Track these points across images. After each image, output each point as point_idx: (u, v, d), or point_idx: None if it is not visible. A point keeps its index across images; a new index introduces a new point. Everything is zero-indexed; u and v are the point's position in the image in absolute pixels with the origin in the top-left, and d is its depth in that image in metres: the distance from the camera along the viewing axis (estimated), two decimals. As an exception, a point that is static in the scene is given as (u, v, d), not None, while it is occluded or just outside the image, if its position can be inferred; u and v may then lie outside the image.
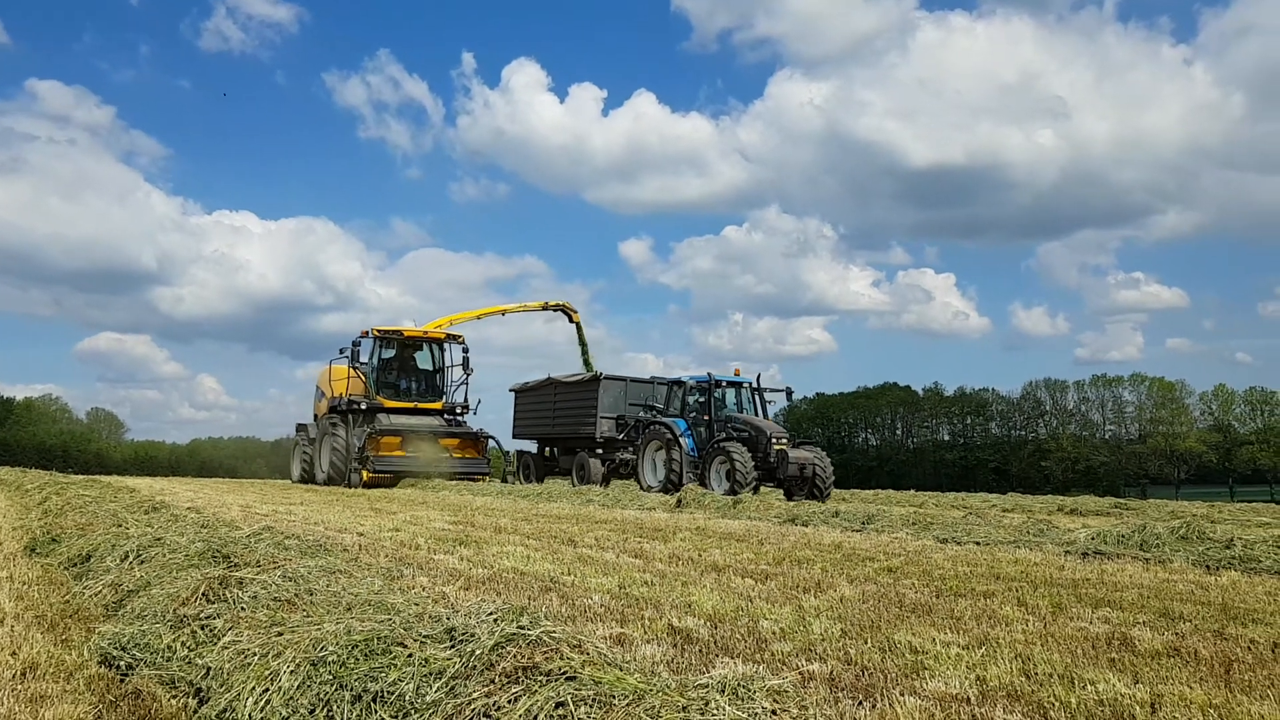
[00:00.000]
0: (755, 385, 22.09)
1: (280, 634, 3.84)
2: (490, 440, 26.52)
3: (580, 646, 2.85)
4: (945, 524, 11.13)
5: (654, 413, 23.52)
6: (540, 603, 5.68)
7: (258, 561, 6.32)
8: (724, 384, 21.78)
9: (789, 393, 22.70)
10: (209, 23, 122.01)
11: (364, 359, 26.09)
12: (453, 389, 27.23)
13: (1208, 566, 7.55)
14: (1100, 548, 8.52)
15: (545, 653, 2.79)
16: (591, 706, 2.50)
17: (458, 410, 26.95)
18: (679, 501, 15.47)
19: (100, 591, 5.90)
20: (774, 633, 4.79)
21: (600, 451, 25.16)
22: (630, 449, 24.15)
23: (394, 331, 26.58)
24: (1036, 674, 3.99)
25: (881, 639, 4.67)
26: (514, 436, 28.61)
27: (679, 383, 22.62)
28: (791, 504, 14.67)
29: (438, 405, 26.78)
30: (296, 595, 5.22)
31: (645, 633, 4.78)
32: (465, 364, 27.01)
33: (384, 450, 24.27)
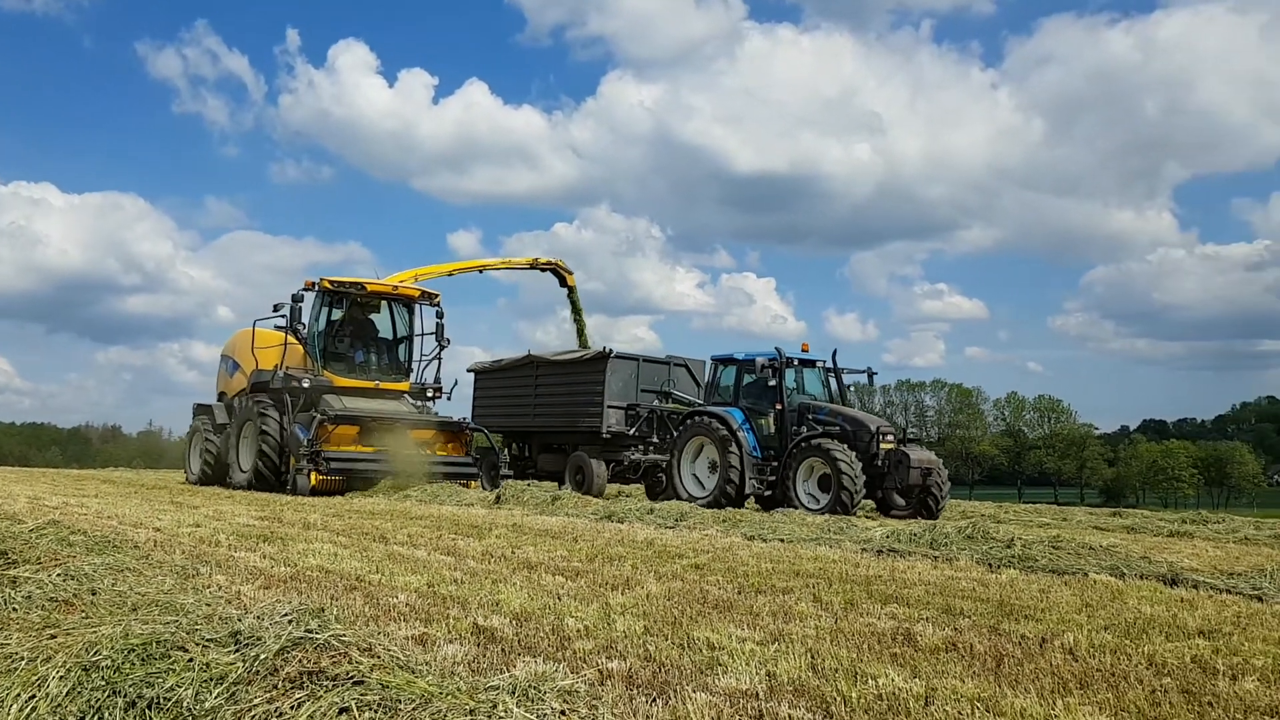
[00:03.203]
0: (832, 365, 17.28)
1: (53, 637, 3.64)
2: (477, 433, 20.30)
3: (371, 649, 2.82)
4: (753, 521, 11.48)
5: (667, 399, 19.75)
6: (343, 602, 5.55)
7: (38, 559, 5.96)
8: (795, 362, 16.80)
9: (871, 375, 17.98)
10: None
11: (304, 320, 19.51)
12: (422, 365, 20.68)
13: (990, 565, 8.06)
14: (894, 546, 8.97)
15: (333, 656, 2.74)
16: (376, 711, 2.48)
17: (429, 393, 20.63)
18: (498, 497, 14.75)
19: None
20: (578, 631, 4.84)
21: (605, 450, 19.90)
22: (639, 447, 19.69)
23: (350, 284, 19.86)
24: (823, 669, 4.18)
25: (682, 635, 4.78)
26: None
27: (729, 361, 17.49)
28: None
29: (404, 386, 20.38)
30: (76, 595, 4.95)
31: (449, 632, 4.75)
32: (440, 332, 20.55)
33: (338, 443, 18.06)
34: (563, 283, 25.26)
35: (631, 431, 19.56)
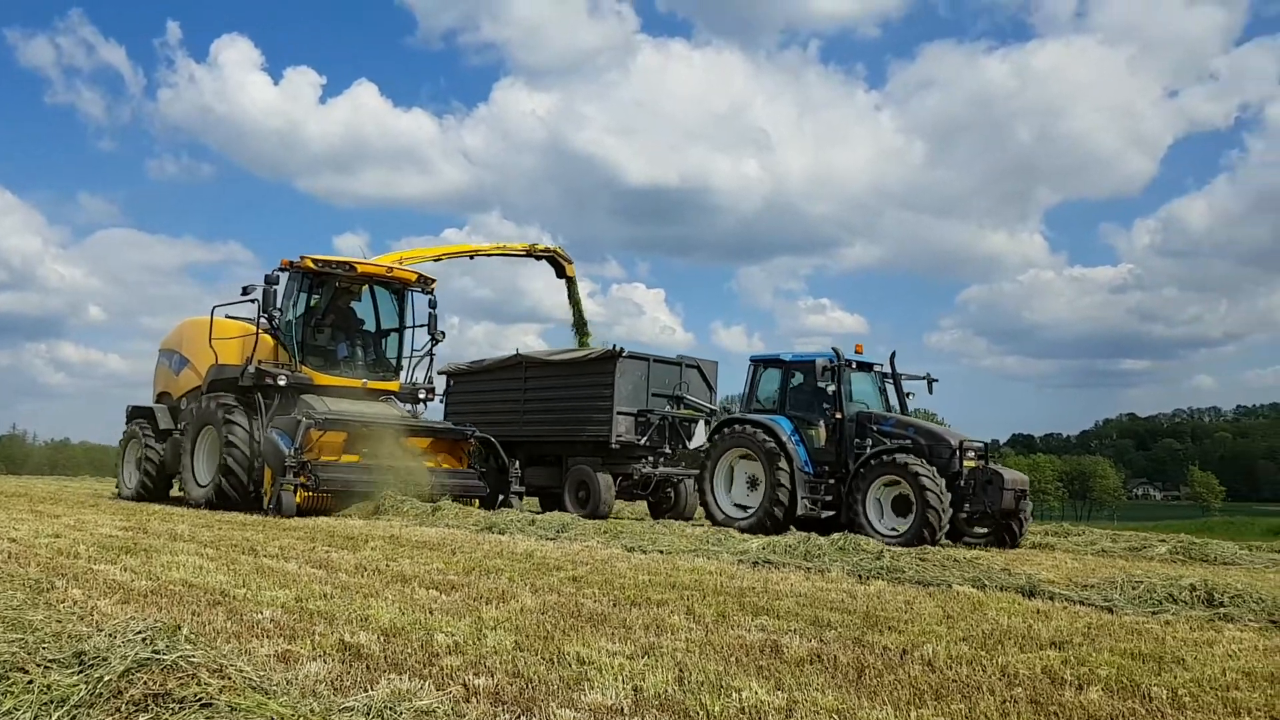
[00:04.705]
0: (890, 369, 15.19)
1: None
2: (479, 441, 16.94)
3: (222, 670, 2.74)
4: (633, 533, 11.53)
5: (679, 404, 17.80)
6: (205, 618, 5.39)
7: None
8: (853, 365, 14.64)
9: (930, 382, 15.56)
10: None
11: (278, 305, 16.17)
12: (413, 362, 17.53)
13: (860, 576, 8.26)
14: (769, 557, 9.12)
15: (180, 678, 2.66)
16: (223, 735, 2.41)
17: (420, 394, 17.62)
18: (377, 508, 14.06)
19: None
20: (447, 646, 4.79)
21: (612, 463, 17.62)
22: (650, 460, 17.70)
23: (336, 264, 16.62)
24: (690, 682, 4.22)
25: (553, 650, 4.78)
26: None
27: (773, 363, 15.28)
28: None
29: (394, 386, 17.31)
30: (-88, 614, 4.69)
31: (313, 649, 4.65)
32: (433, 324, 17.43)
33: (322, 453, 15.00)
34: (560, 272, 21.96)
35: (642, 441, 17.32)
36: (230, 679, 2.72)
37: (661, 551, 9.90)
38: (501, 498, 16.40)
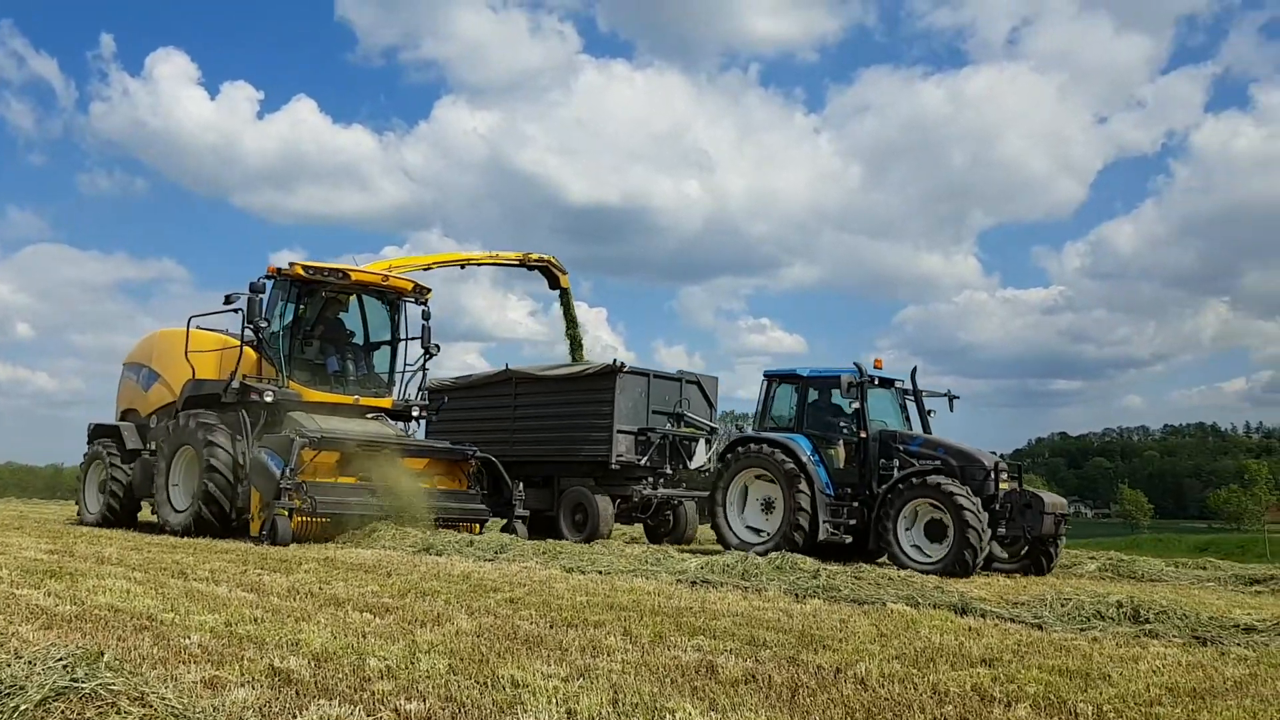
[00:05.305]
0: (912, 385, 14.53)
1: None
2: (480, 461, 15.63)
3: (143, 699, 2.68)
4: (573, 553, 11.49)
5: (679, 421, 17.10)
6: (130, 644, 5.27)
7: None
8: (875, 381, 14.00)
9: (952, 399, 14.94)
10: None
11: (264, 316, 14.88)
12: (406, 378, 16.26)
13: (796, 595, 8.32)
14: (708, 576, 9.15)
15: (100, 707, 2.60)
16: (143, 765, 2.36)
17: (414, 412, 16.35)
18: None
19: None
20: (380, 671, 4.74)
21: (610, 484, 16.82)
22: (650, 481, 16.98)
23: (328, 271, 15.38)
24: (624, 704, 4.22)
25: (487, 674, 4.74)
26: None
27: (790, 378, 14.60)
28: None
29: (387, 402, 16.05)
30: None
31: (242, 675, 4.56)
32: (426, 337, 16.20)
33: (315, 475, 13.77)
34: (554, 284, 20.78)
35: (643, 461, 16.55)
36: (152, 707, 2.66)
37: (600, 572, 9.88)
38: (504, 522, 15.49)
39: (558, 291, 20.74)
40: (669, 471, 17.21)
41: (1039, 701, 4.59)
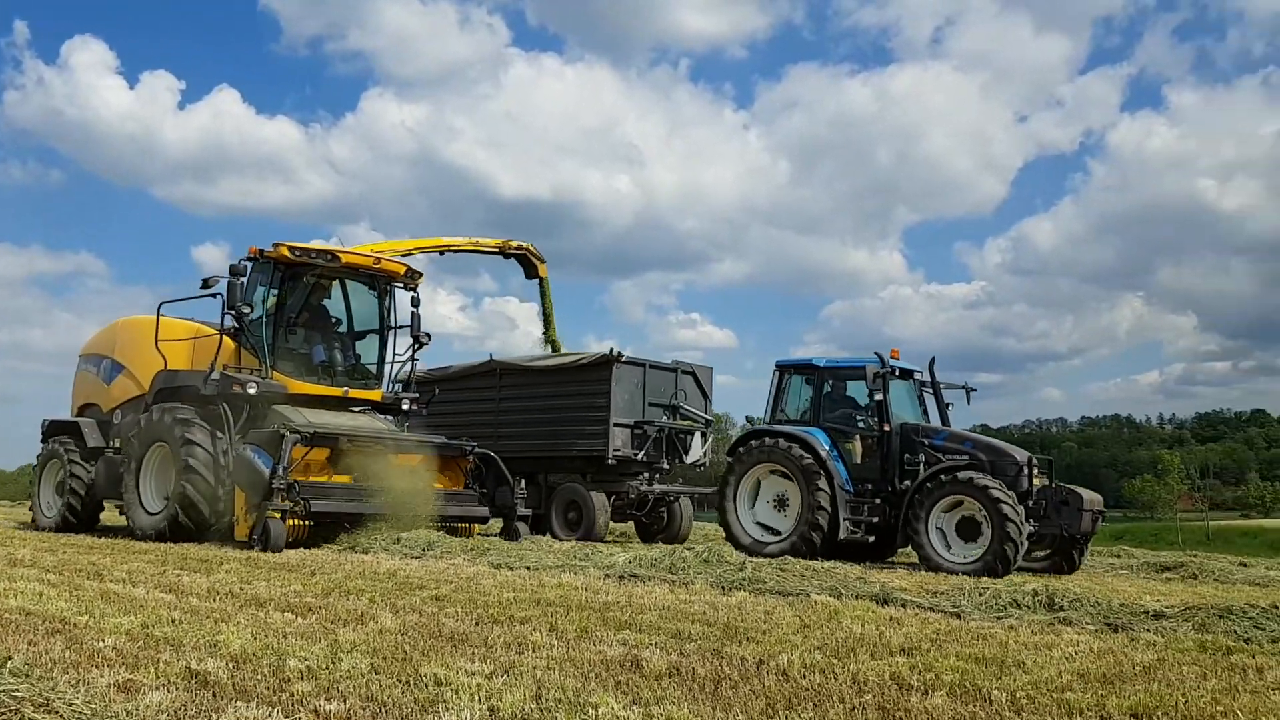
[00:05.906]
0: (930, 377, 14.02)
1: None
2: (479, 457, 14.52)
3: (49, 705, 2.62)
4: (501, 549, 11.44)
5: (676, 414, 16.55)
6: (41, 648, 5.12)
7: None
8: (896, 372, 13.40)
9: (969, 391, 14.46)
10: None
11: (247, 301, 13.78)
12: (395, 368, 15.24)
13: (723, 588, 8.39)
14: (636, 571, 9.19)
15: (3, 714, 2.53)
16: (47, 773, 2.31)
17: (404, 404, 15.15)
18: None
19: None
20: (300, 671, 4.67)
21: (605, 480, 16.14)
22: (645, 476, 16.39)
23: (315, 253, 14.30)
24: (548, 700, 4.22)
25: (409, 672, 4.71)
26: None
27: (805, 369, 13.97)
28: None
29: (377, 395, 14.90)
30: None
31: (157, 678, 4.47)
32: (416, 325, 15.19)
33: (304, 472, 12.59)
34: (531, 273, 19.86)
35: (639, 455, 15.94)
36: (59, 713, 2.60)
37: (528, 568, 9.85)
38: (504, 523, 14.55)
39: (535, 281, 19.92)
40: (665, 466, 16.78)
41: (955, 689, 4.69)
